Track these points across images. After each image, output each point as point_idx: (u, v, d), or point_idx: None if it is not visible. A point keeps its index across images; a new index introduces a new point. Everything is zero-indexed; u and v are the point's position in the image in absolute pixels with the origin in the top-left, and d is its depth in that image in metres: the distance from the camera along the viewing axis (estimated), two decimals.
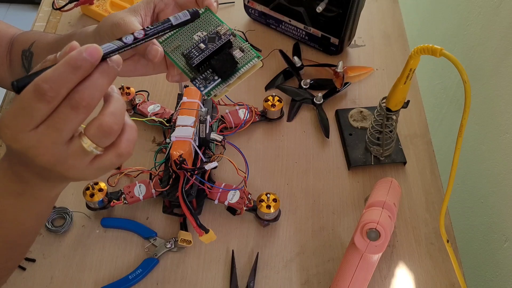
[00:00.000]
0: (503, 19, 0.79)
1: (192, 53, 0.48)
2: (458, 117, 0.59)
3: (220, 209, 0.71)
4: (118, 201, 0.67)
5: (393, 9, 1.00)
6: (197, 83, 0.48)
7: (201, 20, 0.52)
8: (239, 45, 0.50)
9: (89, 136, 0.39)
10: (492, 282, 0.80)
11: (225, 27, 0.50)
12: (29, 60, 0.67)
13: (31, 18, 0.98)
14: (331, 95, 0.84)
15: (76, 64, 0.36)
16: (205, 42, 0.49)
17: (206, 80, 0.48)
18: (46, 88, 0.36)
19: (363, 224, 0.57)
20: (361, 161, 0.76)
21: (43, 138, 0.37)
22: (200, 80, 0.48)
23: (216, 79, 0.48)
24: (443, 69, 1.04)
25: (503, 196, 0.78)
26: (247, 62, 0.49)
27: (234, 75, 0.49)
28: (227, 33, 0.49)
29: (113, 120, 0.39)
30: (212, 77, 0.48)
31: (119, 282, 0.64)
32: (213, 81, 0.48)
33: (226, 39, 0.49)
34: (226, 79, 0.48)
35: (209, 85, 0.48)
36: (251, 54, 0.49)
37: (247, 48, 0.49)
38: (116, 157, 0.41)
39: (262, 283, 0.65)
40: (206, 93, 0.48)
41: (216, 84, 0.48)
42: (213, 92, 0.48)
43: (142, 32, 0.42)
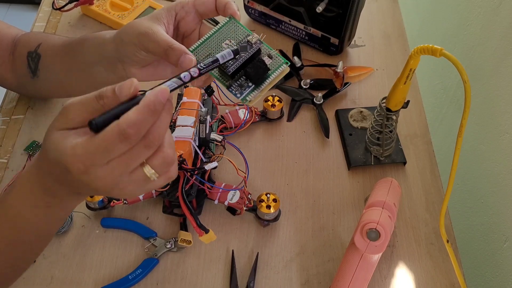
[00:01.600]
0: (503, 19, 0.79)
1: (226, 62, 0.50)
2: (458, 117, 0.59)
3: (220, 209, 0.71)
4: (118, 201, 0.67)
5: (393, 9, 1.00)
6: (233, 90, 0.51)
7: (227, 29, 0.54)
8: (267, 52, 0.53)
9: (153, 167, 0.41)
10: (492, 282, 0.80)
11: (255, 36, 0.52)
12: (35, 61, 0.68)
13: (31, 18, 0.98)
14: (331, 95, 0.84)
15: (156, 108, 0.39)
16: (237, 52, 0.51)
17: (241, 87, 0.51)
18: (131, 132, 0.38)
19: (363, 224, 0.57)
20: (361, 161, 0.76)
21: (113, 171, 0.40)
22: (235, 87, 0.51)
23: (250, 85, 0.51)
24: (443, 69, 1.04)
25: (503, 196, 0.78)
26: (276, 69, 0.52)
27: (265, 81, 0.51)
28: (258, 42, 0.52)
29: (172, 151, 0.42)
30: (247, 83, 0.51)
31: (119, 282, 0.64)
32: (248, 87, 0.51)
33: (257, 47, 0.52)
34: (259, 85, 0.51)
35: (244, 92, 0.51)
36: (279, 60, 0.52)
37: (275, 55, 0.53)
38: (165, 181, 0.44)
39: (262, 283, 0.65)
40: (242, 99, 0.51)
41: (251, 90, 0.51)
42: (248, 98, 0.51)
43: (197, 71, 0.45)
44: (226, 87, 0.52)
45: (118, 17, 0.92)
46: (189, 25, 0.57)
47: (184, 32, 0.57)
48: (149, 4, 0.94)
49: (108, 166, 0.39)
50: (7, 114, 0.80)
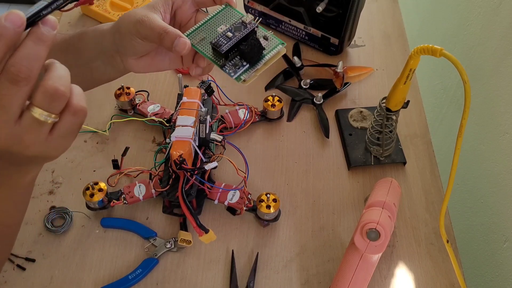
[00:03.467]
0: (503, 19, 0.79)
1: (220, 41, 0.50)
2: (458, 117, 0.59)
3: (220, 209, 0.71)
4: (118, 201, 0.67)
5: (393, 9, 1.00)
6: (227, 69, 0.51)
7: (222, 15, 0.54)
8: (262, 34, 0.52)
9: (37, 104, 0.37)
10: (492, 282, 0.80)
11: (250, 17, 0.52)
12: None
13: None
14: (331, 95, 0.84)
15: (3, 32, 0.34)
16: (231, 31, 0.51)
17: (235, 66, 0.51)
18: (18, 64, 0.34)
19: (363, 224, 0.57)
20: (361, 161, 0.76)
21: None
22: (229, 66, 0.51)
23: (244, 64, 0.51)
24: (443, 69, 1.04)
25: (503, 196, 0.78)
26: (272, 48, 0.51)
27: (260, 61, 0.51)
28: (252, 22, 0.51)
29: (58, 82, 0.37)
30: (241, 63, 0.51)
31: (119, 282, 0.64)
32: (242, 67, 0.51)
33: (251, 27, 0.51)
34: (254, 65, 0.51)
35: (238, 70, 0.50)
36: (275, 41, 0.52)
37: (270, 36, 0.52)
38: (72, 117, 0.39)
39: (262, 283, 0.65)
40: (236, 78, 0.50)
41: (245, 69, 0.50)
42: (243, 76, 0.50)
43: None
44: (220, 66, 0.51)
45: (118, 17, 0.92)
46: (186, 14, 0.57)
47: (180, 21, 0.57)
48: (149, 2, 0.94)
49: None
50: None
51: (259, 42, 0.50)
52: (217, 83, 0.76)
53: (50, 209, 0.70)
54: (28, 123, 0.37)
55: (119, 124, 0.79)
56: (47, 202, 0.71)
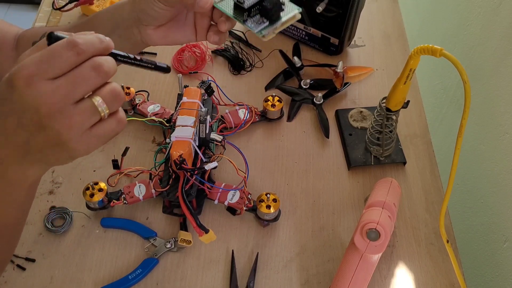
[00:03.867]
0: (503, 19, 0.79)
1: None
2: (458, 117, 0.59)
3: (220, 209, 0.71)
4: (118, 201, 0.67)
5: (393, 9, 1.00)
6: (249, 24, 0.54)
7: None
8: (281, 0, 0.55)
9: (102, 96, 0.40)
10: (492, 282, 0.80)
11: None
12: None
13: (31, 18, 0.98)
14: (331, 95, 0.84)
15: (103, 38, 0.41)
16: None
17: (257, 22, 0.54)
18: (79, 42, 0.39)
19: (363, 224, 0.57)
20: (361, 161, 0.76)
21: (58, 89, 0.38)
22: (251, 21, 0.54)
23: (265, 21, 0.54)
24: (443, 69, 1.04)
25: (503, 196, 0.78)
26: (289, 12, 0.55)
27: (279, 20, 0.55)
28: None
29: (120, 90, 0.42)
30: (262, 20, 0.55)
31: (119, 282, 0.64)
32: (263, 23, 0.54)
33: None
34: (274, 23, 0.54)
35: (260, 26, 0.54)
36: (292, 6, 0.56)
37: (287, 1, 0.56)
38: (115, 123, 0.42)
39: (262, 283, 0.65)
40: (257, 32, 0.54)
41: (265, 26, 0.54)
42: (264, 32, 0.54)
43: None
44: (242, 21, 0.54)
45: None
46: None
47: None
48: None
49: (54, 82, 0.38)
50: None
51: (280, 3, 0.54)
52: (217, 83, 0.76)
53: (50, 209, 0.70)
54: (84, 107, 0.40)
55: None
56: (47, 202, 0.71)
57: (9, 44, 0.71)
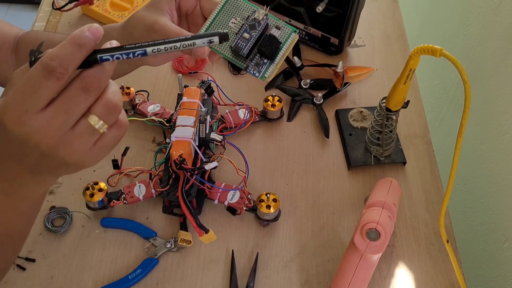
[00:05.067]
0: (503, 19, 0.79)
1: (239, 44, 0.52)
2: (458, 117, 0.58)
3: (220, 209, 0.71)
4: (118, 201, 0.67)
5: (393, 9, 1.00)
6: (251, 70, 0.53)
7: (230, 6, 0.54)
8: (274, 23, 0.53)
9: (96, 113, 0.38)
10: (492, 282, 0.80)
11: (261, 12, 0.53)
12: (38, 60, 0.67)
13: (31, 18, 0.98)
14: (331, 95, 0.84)
15: (80, 41, 0.36)
16: (247, 31, 0.52)
17: (258, 66, 0.53)
18: (54, 65, 0.36)
19: (363, 224, 0.57)
20: (361, 161, 0.76)
21: (52, 120, 0.37)
22: (252, 66, 0.53)
23: (265, 62, 0.53)
24: (443, 69, 1.04)
25: (503, 196, 0.78)
26: (286, 39, 0.53)
27: (278, 54, 0.53)
28: (265, 17, 0.52)
29: (117, 98, 0.40)
30: (262, 61, 0.53)
31: (119, 282, 0.64)
32: (264, 64, 0.53)
33: (265, 24, 0.53)
34: (274, 60, 0.53)
35: (262, 70, 0.53)
36: (287, 30, 0.53)
37: (282, 25, 0.53)
38: (117, 130, 0.41)
39: (262, 283, 0.65)
40: (261, 77, 0.53)
41: (267, 66, 0.53)
42: (267, 74, 0.53)
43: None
44: (244, 68, 0.53)
45: (118, 17, 0.92)
46: (190, 3, 0.56)
47: (186, 11, 0.57)
48: None
49: (44, 113, 0.37)
50: None
51: (275, 38, 0.52)
52: (217, 83, 0.76)
53: (50, 209, 0.70)
54: (83, 130, 0.38)
55: None
56: (47, 202, 0.71)
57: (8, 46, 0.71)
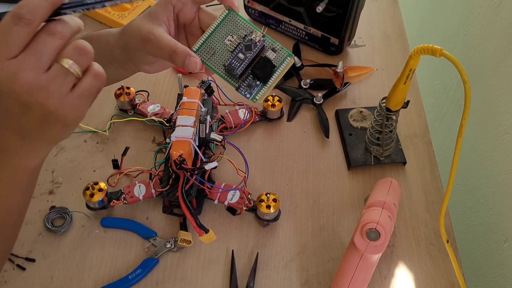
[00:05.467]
0: (503, 19, 0.79)
1: (233, 64, 0.52)
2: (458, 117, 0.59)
3: (220, 209, 0.71)
4: (118, 201, 0.67)
5: (393, 9, 1.00)
6: (242, 91, 0.52)
7: (227, 23, 0.53)
8: (270, 45, 0.52)
9: (67, 56, 0.40)
10: (492, 282, 0.80)
11: (258, 34, 0.52)
12: None
13: None
14: (331, 95, 0.84)
15: None
16: (242, 51, 0.52)
17: (250, 87, 0.52)
18: (22, 12, 0.38)
19: (363, 224, 0.57)
20: (361, 161, 0.76)
21: (23, 64, 0.39)
22: (244, 87, 0.52)
23: (258, 84, 0.52)
24: (443, 69, 1.04)
25: (503, 196, 0.78)
26: (281, 63, 0.52)
27: (272, 77, 0.52)
28: (261, 39, 0.52)
29: (86, 44, 0.42)
30: (254, 82, 0.52)
31: (119, 282, 0.64)
32: (256, 86, 0.52)
33: (261, 45, 0.52)
34: (266, 82, 0.52)
35: (253, 91, 0.52)
36: (283, 53, 0.52)
37: (279, 48, 0.52)
38: (93, 79, 0.42)
39: (262, 283, 0.65)
40: (251, 98, 0.52)
41: (259, 88, 0.52)
42: (258, 96, 0.52)
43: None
44: (235, 88, 0.52)
45: (118, 17, 0.92)
46: (188, 15, 0.56)
47: (184, 22, 0.57)
48: (149, 4, 0.94)
49: (16, 59, 0.39)
50: None
51: (270, 61, 0.51)
52: (217, 83, 0.76)
53: (50, 209, 0.70)
54: (55, 73, 0.40)
55: (119, 124, 0.79)
56: (47, 202, 0.71)
57: None
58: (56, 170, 0.74)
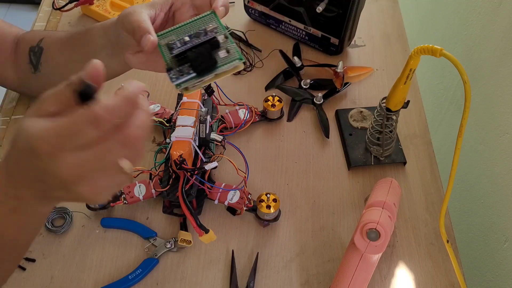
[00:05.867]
0: (503, 19, 0.79)
1: (175, 44, 0.49)
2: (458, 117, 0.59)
3: (220, 209, 0.71)
4: (118, 201, 0.67)
5: (393, 9, 1.00)
6: (170, 74, 0.48)
7: (202, 21, 0.52)
8: (227, 46, 0.49)
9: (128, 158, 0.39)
10: (492, 282, 0.80)
11: (214, 25, 0.50)
12: (37, 56, 0.68)
13: (31, 18, 0.98)
14: (331, 95, 0.84)
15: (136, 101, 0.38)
16: (190, 36, 0.49)
17: (180, 72, 0.48)
18: (105, 119, 0.36)
19: (363, 224, 0.57)
20: (361, 161, 0.76)
21: (84, 163, 0.37)
22: (174, 71, 0.49)
23: (191, 73, 0.48)
24: (443, 69, 1.04)
25: (503, 196, 0.78)
26: (227, 62, 0.48)
27: (211, 72, 0.48)
28: (214, 30, 0.49)
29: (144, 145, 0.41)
30: (188, 71, 0.48)
31: (119, 282, 0.64)
32: (187, 75, 0.48)
33: (211, 36, 0.49)
34: (201, 75, 0.48)
35: (181, 78, 0.48)
36: (234, 56, 0.48)
37: (233, 49, 0.49)
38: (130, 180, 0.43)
39: (262, 283, 0.65)
40: (176, 85, 0.48)
41: (190, 78, 0.48)
42: (184, 85, 0.48)
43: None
44: (166, 69, 0.49)
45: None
46: (184, 16, 0.57)
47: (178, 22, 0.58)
48: None
49: (79, 154, 0.37)
50: (7, 114, 0.80)
51: (209, 52, 0.48)
52: (217, 83, 0.76)
53: None
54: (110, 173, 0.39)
55: None
56: None
57: (8, 46, 0.71)
58: None
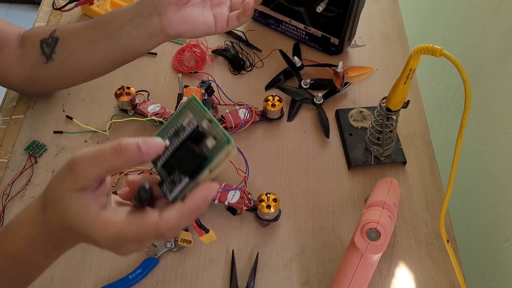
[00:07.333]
0: (503, 19, 0.79)
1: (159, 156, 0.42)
2: (458, 117, 0.59)
3: (220, 209, 0.71)
4: None
5: (393, 9, 1.00)
6: (163, 189, 0.42)
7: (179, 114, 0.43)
8: (213, 132, 0.41)
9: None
10: (492, 282, 0.80)
11: (189, 117, 0.42)
12: (52, 45, 0.69)
13: (31, 18, 0.98)
14: (331, 95, 0.84)
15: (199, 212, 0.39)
16: (170, 138, 0.42)
17: (172, 183, 0.42)
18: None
19: (363, 224, 0.57)
20: (361, 161, 0.76)
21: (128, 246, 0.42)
22: (167, 183, 0.42)
23: (182, 179, 0.41)
24: (443, 69, 1.04)
25: (503, 196, 0.78)
26: (218, 152, 0.40)
27: (203, 170, 0.40)
28: (191, 122, 0.41)
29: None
30: (179, 178, 0.41)
31: (119, 282, 0.64)
32: (179, 183, 0.41)
33: (190, 130, 0.41)
34: (195, 177, 0.40)
35: (175, 190, 0.41)
36: (222, 139, 0.40)
37: (219, 134, 0.40)
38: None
39: (262, 283, 0.65)
40: (172, 200, 0.42)
41: (184, 185, 0.41)
42: (181, 195, 0.41)
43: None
44: (158, 184, 0.43)
45: None
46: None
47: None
48: None
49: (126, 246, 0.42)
50: (7, 114, 0.80)
51: (191, 150, 0.40)
52: (217, 83, 0.76)
53: None
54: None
55: (119, 124, 0.79)
56: None
57: (11, 44, 0.71)
58: (57, 170, 0.74)
